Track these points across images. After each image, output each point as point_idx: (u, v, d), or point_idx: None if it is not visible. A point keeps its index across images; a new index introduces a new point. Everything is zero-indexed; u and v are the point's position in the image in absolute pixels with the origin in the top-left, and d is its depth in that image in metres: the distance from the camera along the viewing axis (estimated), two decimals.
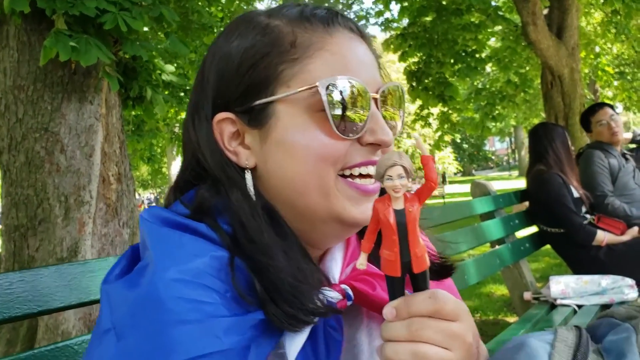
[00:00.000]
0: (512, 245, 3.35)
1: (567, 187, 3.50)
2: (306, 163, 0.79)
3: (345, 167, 0.81)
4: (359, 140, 0.81)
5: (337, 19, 0.84)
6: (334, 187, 0.80)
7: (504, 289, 5.58)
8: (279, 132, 0.80)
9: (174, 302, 0.65)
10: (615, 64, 14.77)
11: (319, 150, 0.79)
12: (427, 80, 9.44)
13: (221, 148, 0.83)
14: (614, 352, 0.79)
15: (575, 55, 7.05)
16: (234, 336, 0.66)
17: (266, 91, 0.80)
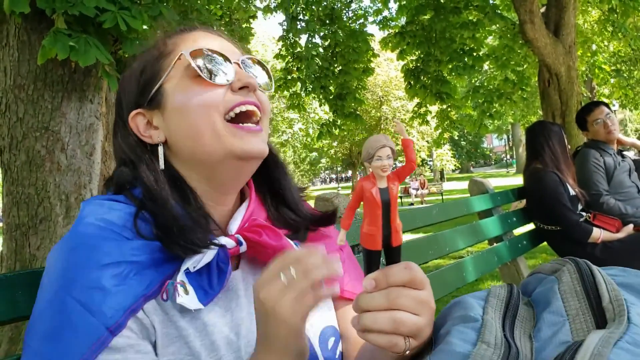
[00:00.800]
0: (509, 243, 3.38)
1: (563, 185, 3.53)
2: (194, 113, 0.98)
3: (228, 110, 0.99)
4: (232, 89, 1.01)
5: (197, 27, 1.11)
6: (222, 130, 0.98)
7: None
8: (171, 102, 1.01)
9: (91, 236, 0.90)
10: (611, 61, 14.81)
11: (200, 100, 0.98)
12: (425, 78, 9.47)
13: (138, 137, 1.04)
14: (541, 301, 0.87)
15: (572, 53, 7.07)
16: (140, 254, 0.90)
17: (156, 81, 1.04)
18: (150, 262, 0.91)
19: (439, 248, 2.52)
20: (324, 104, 9.98)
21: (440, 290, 2.40)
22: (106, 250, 0.88)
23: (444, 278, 2.46)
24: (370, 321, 0.78)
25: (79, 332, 0.82)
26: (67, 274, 0.86)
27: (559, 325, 0.79)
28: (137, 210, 0.95)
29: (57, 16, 2.93)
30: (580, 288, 0.84)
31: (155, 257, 0.91)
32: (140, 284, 0.88)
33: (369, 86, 28.83)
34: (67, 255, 0.89)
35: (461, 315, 0.85)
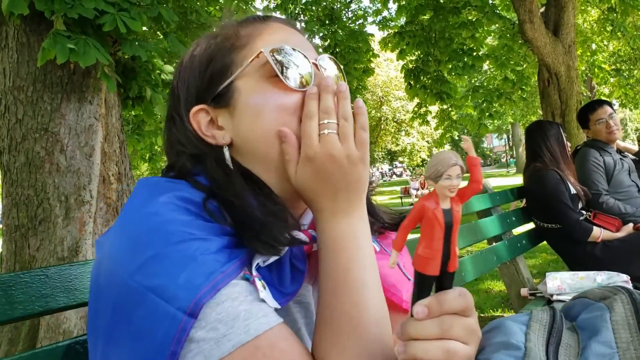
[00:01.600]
0: (509, 242, 3.38)
1: (564, 184, 3.53)
2: (270, 117, 0.91)
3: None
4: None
5: (272, 17, 1.03)
6: (300, 132, 0.91)
7: (501, 285, 5.62)
8: (243, 102, 0.94)
9: (172, 225, 0.80)
10: (611, 61, 14.81)
11: (277, 103, 0.92)
12: (425, 79, 9.48)
13: (200, 136, 0.96)
14: (588, 328, 0.82)
15: (572, 53, 7.07)
16: (221, 234, 0.83)
17: (226, 76, 0.96)
18: (227, 244, 0.83)
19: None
20: None
21: None
22: (189, 226, 0.80)
23: None
24: (422, 351, 0.72)
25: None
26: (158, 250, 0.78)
27: (607, 358, 0.75)
28: (207, 195, 0.87)
29: (56, 18, 2.93)
30: (634, 321, 0.79)
31: (231, 240, 0.84)
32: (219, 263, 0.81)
33: (369, 86, 28.81)
34: (146, 236, 0.79)
35: (502, 342, 0.81)
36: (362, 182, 0.90)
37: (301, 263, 0.90)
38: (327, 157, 0.87)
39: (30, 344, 3.23)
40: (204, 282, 0.76)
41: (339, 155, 0.87)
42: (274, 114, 0.91)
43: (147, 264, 0.76)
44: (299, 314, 0.97)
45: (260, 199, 0.90)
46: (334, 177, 0.87)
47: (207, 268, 0.77)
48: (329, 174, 0.87)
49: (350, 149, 0.88)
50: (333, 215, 0.89)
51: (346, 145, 0.87)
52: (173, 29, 4.87)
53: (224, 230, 0.84)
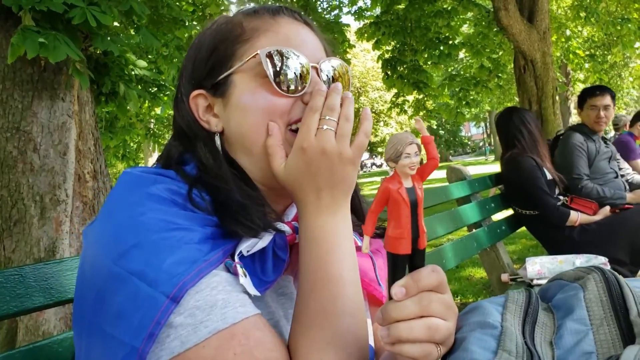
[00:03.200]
0: (488, 229, 3.40)
1: (540, 170, 3.56)
2: (256, 117, 0.95)
3: (292, 121, 0.96)
4: (302, 100, 0.96)
5: (283, 10, 1.02)
6: (283, 137, 0.95)
7: (482, 272, 5.66)
8: (236, 97, 0.97)
9: (156, 215, 0.83)
10: (585, 46, 14.98)
11: (265, 106, 0.94)
12: (402, 68, 9.48)
13: (196, 118, 1.00)
14: (563, 308, 0.84)
15: (547, 39, 7.12)
16: (203, 224, 0.86)
17: (226, 67, 0.99)
18: (211, 235, 0.86)
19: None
20: None
21: None
22: (174, 216, 0.83)
23: None
24: (406, 331, 0.74)
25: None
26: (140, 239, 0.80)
27: (582, 334, 0.77)
28: (190, 186, 0.90)
29: (24, 13, 2.86)
30: (607, 298, 0.80)
31: (215, 231, 0.87)
32: (202, 252, 0.83)
33: None
34: (132, 222, 0.82)
35: (479, 321, 0.81)
36: (349, 182, 0.92)
37: (283, 252, 0.92)
38: (319, 150, 0.88)
39: (8, 348, 3.18)
40: (187, 269, 0.78)
41: (331, 151, 0.88)
42: (260, 115, 0.94)
43: (131, 251, 0.79)
44: (279, 305, 0.98)
45: (241, 185, 0.95)
46: (322, 172, 0.89)
47: (191, 256, 0.80)
48: (317, 168, 0.89)
49: (344, 148, 0.90)
50: (316, 210, 0.91)
51: (341, 144, 0.90)
52: (145, 23, 4.79)
53: (209, 221, 0.87)
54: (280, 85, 0.94)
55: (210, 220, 0.87)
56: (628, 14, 11.33)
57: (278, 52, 0.94)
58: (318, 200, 0.90)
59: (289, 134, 0.95)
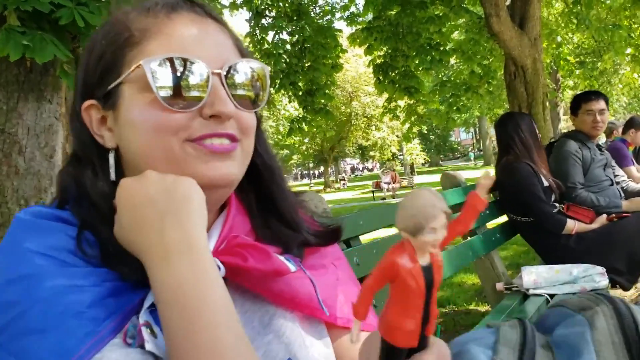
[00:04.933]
0: (483, 236, 3.35)
1: (536, 176, 3.51)
2: (147, 136, 0.81)
3: (191, 138, 0.82)
4: (201, 113, 0.82)
5: (182, 6, 0.88)
6: (180, 152, 0.81)
7: (474, 278, 5.63)
8: (125, 112, 0.84)
9: (40, 277, 0.70)
10: (576, 53, 15.05)
11: (154, 124, 0.81)
12: (393, 74, 9.48)
13: (91, 133, 0.87)
14: (566, 348, 0.70)
15: (538, 46, 7.13)
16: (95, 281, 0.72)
17: (115, 75, 0.84)
18: (111, 291, 0.73)
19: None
20: (294, 100, 9.93)
21: None
22: (64, 275, 0.71)
23: None
24: None
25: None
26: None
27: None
28: (79, 230, 0.77)
29: (9, 12, 2.78)
30: (620, 339, 0.67)
31: (115, 287, 0.74)
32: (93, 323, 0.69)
33: (339, 82, 28.86)
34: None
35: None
36: (195, 201, 0.77)
37: None
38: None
39: None
40: (76, 345, 0.66)
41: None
42: (152, 133, 0.81)
43: (11, 324, 0.67)
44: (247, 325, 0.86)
45: None
46: (155, 197, 0.76)
47: (81, 328, 0.68)
48: (146, 196, 0.76)
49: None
50: (165, 255, 0.72)
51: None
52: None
53: (105, 275, 0.74)
54: (170, 100, 0.80)
55: (106, 274, 0.74)
56: (618, 21, 11.39)
57: (167, 61, 0.80)
58: (162, 238, 0.73)
59: (186, 146, 0.81)
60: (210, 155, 0.82)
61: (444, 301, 5.00)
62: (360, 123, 36.75)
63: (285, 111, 32.18)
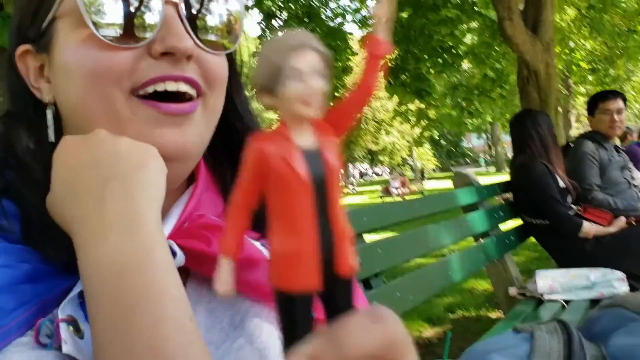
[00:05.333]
0: (497, 239, 3.25)
1: (552, 177, 3.41)
2: (84, 85, 0.63)
3: (137, 86, 0.64)
4: (150, 52, 0.64)
5: None
6: (126, 109, 0.64)
7: (485, 283, 5.52)
8: (58, 55, 0.66)
9: None
10: (588, 59, 14.94)
11: (92, 66, 0.63)
12: (404, 76, 9.43)
13: (28, 86, 0.70)
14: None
15: (551, 50, 7.06)
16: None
17: (49, 7, 0.66)
18: (30, 274, 0.56)
19: (421, 245, 2.35)
20: None
21: (424, 291, 2.22)
22: None
23: (427, 278, 2.30)
24: None
25: None
26: None
27: None
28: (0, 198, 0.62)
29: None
30: None
31: (40, 268, 0.58)
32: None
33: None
34: None
35: None
36: (151, 170, 0.60)
37: None
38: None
39: None
40: None
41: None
42: (87, 79, 0.63)
43: None
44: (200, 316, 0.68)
45: None
46: (100, 160, 0.59)
47: None
48: (90, 157, 0.59)
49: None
50: (101, 230, 0.55)
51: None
52: None
53: (24, 254, 0.58)
54: (110, 36, 0.62)
55: (30, 252, 0.59)
56: (632, 27, 11.29)
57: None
58: (102, 212, 0.56)
59: (133, 103, 0.64)
60: (162, 117, 0.64)
61: (454, 307, 4.90)
62: (370, 127, 36.72)
63: None
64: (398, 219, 2.30)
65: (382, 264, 1.89)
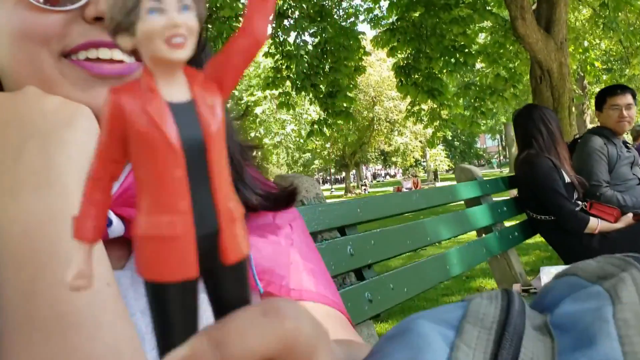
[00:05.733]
0: (499, 234, 3.19)
1: (557, 172, 3.36)
2: (12, 46, 0.60)
3: (67, 49, 0.60)
4: (84, 16, 0.60)
5: None
6: (54, 71, 0.60)
7: (494, 283, 5.48)
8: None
9: None
10: (603, 59, 14.79)
11: (19, 28, 0.60)
12: (416, 76, 9.41)
13: None
14: (572, 332, 0.44)
15: (564, 50, 7.01)
16: None
17: None
18: None
19: (419, 238, 2.28)
20: (315, 102, 9.92)
21: (419, 284, 2.15)
22: None
23: (424, 271, 2.23)
24: None
25: None
26: None
27: None
28: None
29: None
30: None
31: None
32: None
33: (361, 86, 28.77)
34: None
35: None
36: (78, 130, 0.56)
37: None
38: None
39: None
40: None
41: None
42: (14, 40, 0.60)
43: None
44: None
45: None
46: (24, 117, 0.55)
47: None
48: (14, 113, 0.56)
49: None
50: (12, 187, 0.52)
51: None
52: None
53: None
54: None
55: None
56: None
57: None
58: (14, 170, 0.52)
59: (62, 64, 0.61)
60: (91, 78, 0.61)
61: None
62: (382, 128, 36.56)
63: (308, 115, 32.19)
64: (393, 212, 2.23)
65: (375, 255, 1.86)
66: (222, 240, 0.29)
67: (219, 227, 0.29)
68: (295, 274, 0.70)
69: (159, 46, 0.26)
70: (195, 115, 0.28)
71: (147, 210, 0.28)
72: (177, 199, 0.28)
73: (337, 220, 1.74)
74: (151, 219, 0.28)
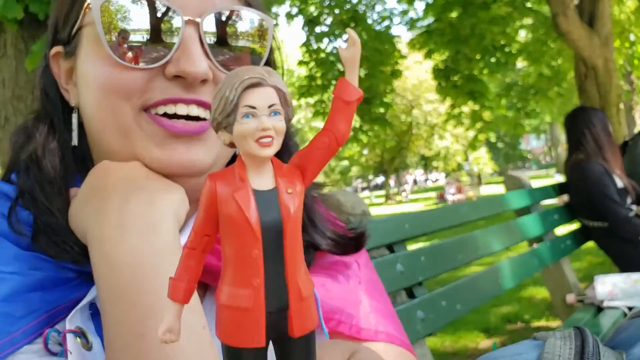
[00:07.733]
0: (551, 244, 3.09)
1: (609, 176, 3.24)
2: (97, 97, 0.65)
3: (147, 104, 0.65)
4: (165, 73, 0.64)
5: None
6: (134, 124, 0.65)
7: (544, 291, 5.29)
8: (80, 62, 0.67)
9: None
10: None
11: (105, 82, 0.64)
12: (456, 78, 9.26)
13: (58, 88, 0.72)
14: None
15: (609, 45, 6.81)
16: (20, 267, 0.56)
17: (75, 16, 0.67)
18: (40, 282, 0.56)
19: (469, 251, 2.23)
20: None
21: (472, 301, 2.11)
22: None
23: (476, 286, 2.19)
24: None
25: None
26: None
27: None
28: (14, 202, 0.63)
29: None
30: None
31: (50, 277, 0.58)
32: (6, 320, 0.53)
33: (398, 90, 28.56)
34: None
35: None
36: (175, 193, 0.64)
37: None
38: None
39: None
40: None
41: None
42: (100, 93, 0.65)
43: None
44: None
45: None
46: (130, 175, 0.62)
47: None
48: (122, 173, 0.62)
49: None
50: (119, 226, 0.56)
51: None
52: None
53: (36, 262, 0.58)
54: (122, 53, 0.62)
55: (40, 259, 0.58)
56: None
57: (122, 3, 0.62)
58: (123, 211, 0.57)
59: (142, 119, 0.65)
60: (166, 135, 0.65)
61: (511, 317, 4.71)
62: (422, 132, 36.23)
63: None
64: (441, 226, 2.18)
65: (425, 272, 1.81)
66: (290, 316, 0.35)
67: (288, 304, 0.34)
68: (365, 313, 0.72)
69: (250, 144, 0.33)
70: (276, 201, 0.34)
71: (228, 281, 0.34)
72: (252, 275, 0.33)
73: (385, 237, 1.73)
74: (231, 290, 0.34)
